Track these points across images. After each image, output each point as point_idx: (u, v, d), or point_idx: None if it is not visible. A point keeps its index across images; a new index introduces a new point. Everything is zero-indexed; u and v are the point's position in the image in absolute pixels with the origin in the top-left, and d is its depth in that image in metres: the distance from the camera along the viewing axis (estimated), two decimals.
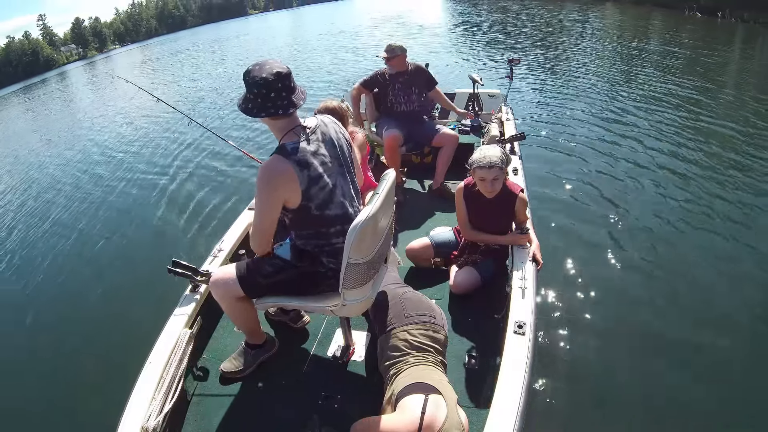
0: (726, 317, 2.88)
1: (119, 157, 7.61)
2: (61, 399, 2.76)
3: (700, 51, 10.77)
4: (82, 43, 73.38)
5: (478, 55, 12.57)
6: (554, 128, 6.30)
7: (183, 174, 6.20)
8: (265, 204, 1.60)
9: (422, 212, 3.29)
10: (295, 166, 1.54)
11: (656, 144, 5.60)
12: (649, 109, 6.93)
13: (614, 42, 13.31)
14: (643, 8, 19.81)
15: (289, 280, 1.74)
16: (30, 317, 3.70)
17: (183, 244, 4.39)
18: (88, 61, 52.47)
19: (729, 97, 7.20)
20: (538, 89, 8.36)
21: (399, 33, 19.39)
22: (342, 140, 1.73)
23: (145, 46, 50.53)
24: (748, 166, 4.79)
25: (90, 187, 6.39)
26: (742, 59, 10.41)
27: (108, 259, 4.42)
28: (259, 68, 1.52)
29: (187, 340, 1.89)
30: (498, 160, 2.15)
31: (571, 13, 20.72)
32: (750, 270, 3.29)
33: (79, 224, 5.28)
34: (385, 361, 1.74)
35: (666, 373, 2.51)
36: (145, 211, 5.30)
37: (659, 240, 3.68)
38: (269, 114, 1.55)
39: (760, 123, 5.92)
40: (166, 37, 63.91)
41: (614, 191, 4.50)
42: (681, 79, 8.29)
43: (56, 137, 10.90)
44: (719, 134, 5.73)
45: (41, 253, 4.80)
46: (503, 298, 2.11)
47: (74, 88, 25.15)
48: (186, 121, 5.19)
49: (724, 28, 14.67)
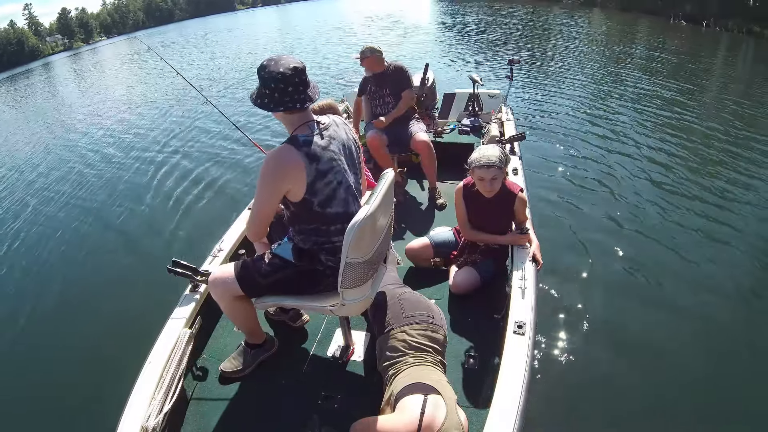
0: (727, 317, 2.88)
1: (119, 157, 7.59)
2: (61, 399, 2.76)
3: (687, 57, 11.04)
4: (68, 34, 72.14)
5: (470, 55, 12.64)
6: (554, 128, 6.30)
7: (183, 174, 6.19)
8: (268, 191, 1.58)
9: (422, 212, 3.29)
10: (305, 158, 1.54)
11: (657, 144, 5.63)
12: (649, 111, 6.96)
13: (605, 46, 13.47)
14: (630, 15, 20.22)
15: (287, 279, 1.73)
16: (30, 317, 3.70)
17: (183, 244, 4.39)
18: (74, 52, 51.53)
19: (714, 101, 7.40)
20: (538, 90, 8.37)
21: (393, 32, 19.38)
22: (351, 141, 1.73)
23: (132, 39, 49.70)
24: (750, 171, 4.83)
25: (87, 187, 6.37)
26: (725, 65, 10.71)
27: (107, 259, 4.42)
28: (276, 63, 1.52)
29: (186, 340, 1.89)
30: (496, 160, 2.15)
31: (560, 18, 21.01)
32: (751, 270, 3.30)
33: (78, 224, 5.27)
34: (384, 362, 1.74)
35: (666, 373, 2.51)
36: (144, 211, 5.29)
37: (660, 239, 3.68)
38: (287, 108, 1.55)
39: (739, 123, 6.19)
40: (154, 30, 63.31)
41: (615, 191, 4.51)
42: (671, 82, 8.45)
43: (48, 130, 10.81)
44: (724, 139, 5.79)
45: (40, 253, 4.80)
46: (503, 298, 2.11)
47: (61, 78, 24.67)
48: (186, 119, 5.19)
49: (709, 36, 15.05)
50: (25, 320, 3.67)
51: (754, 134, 5.78)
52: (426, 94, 4.07)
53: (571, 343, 2.71)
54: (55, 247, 4.85)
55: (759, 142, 5.51)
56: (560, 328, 2.82)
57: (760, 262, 3.40)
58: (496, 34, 16.31)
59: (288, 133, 1.62)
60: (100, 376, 2.77)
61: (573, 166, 5.11)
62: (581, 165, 5.13)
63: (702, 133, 5.97)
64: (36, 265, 4.57)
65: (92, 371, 2.89)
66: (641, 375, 2.51)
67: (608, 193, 4.47)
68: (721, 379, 2.46)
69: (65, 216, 5.56)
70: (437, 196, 3.41)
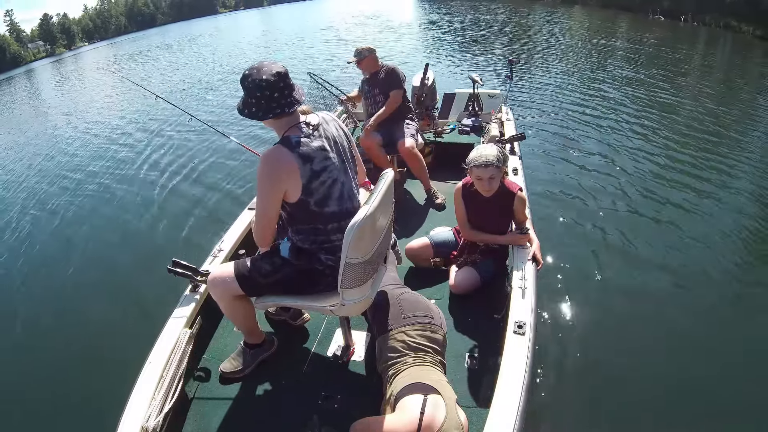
0: (729, 317, 2.88)
1: (118, 156, 7.59)
2: (61, 399, 2.76)
3: (679, 53, 11.29)
4: (50, 40, 70.57)
5: (459, 53, 12.73)
6: (554, 128, 6.30)
7: (183, 174, 6.19)
8: (266, 192, 1.58)
9: (422, 212, 3.29)
10: (298, 159, 1.54)
11: (658, 142, 5.64)
12: (648, 111, 6.95)
13: (592, 42, 13.71)
14: (609, 11, 20.67)
15: (287, 278, 1.73)
16: (29, 317, 3.70)
17: (183, 244, 4.39)
18: (56, 59, 50.56)
19: (717, 101, 7.41)
20: (537, 90, 8.37)
21: (382, 34, 19.32)
22: (342, 137, 1.72)
23: (114, 44, 49.18)
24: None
25: (87, 189, 6.36)
26: (705, 58, 11.14)
27: (108, 259, 4.42)
28: (258, 71, 1.52)
29: (186, 340, 1.88)
30: (494, 159, 2.15)
31: (543, 15, 21.37)
32: (752, 268, 3.30)
33: (78, 226, 5.27)
34: (384, 363, 1.74)
35: (666, 373, 2.51)
36: (144, 211, 5.29)
37: (660, 239, 3.68)
38: (275, 115, 1.55)
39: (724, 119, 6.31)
40: (136, 34, 62.51)
41: (615, 191, 4.51)
42: (668, 81, 8.54)
43: (49, 130, 10.80)
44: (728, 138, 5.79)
45: (40, 253, 4.80)
46: (503, 298, 2.11)
47: (49, 84, 24.07)
48: (185, 118, 5.18)
49: (688, 31, 15.49)
50: (25, 320, 3.67)
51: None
52: (426, 94, 4.08)
53: (571, 343, 2.71)
54: (55, 248, 4.86)
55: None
56: (560, 328, 2.82)
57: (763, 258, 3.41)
58: (484, 32, 16.62)
59: (279, 137, 1.61)
60: (100, 376, 2.77)
61: (573, 165, 5.11)
62: (582, 164, 5.12)
63: (710, 132, 5.96)
64: (36, 266, 4.57)
65: (92, 371, 2.89)
66: (641, 375, 2.51)
67: (609, 193, 4.47)
68: (722, 379, 2.45)
69: (65, 217, 5.56)
70: (434, 196, 3.40)
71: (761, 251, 3.57)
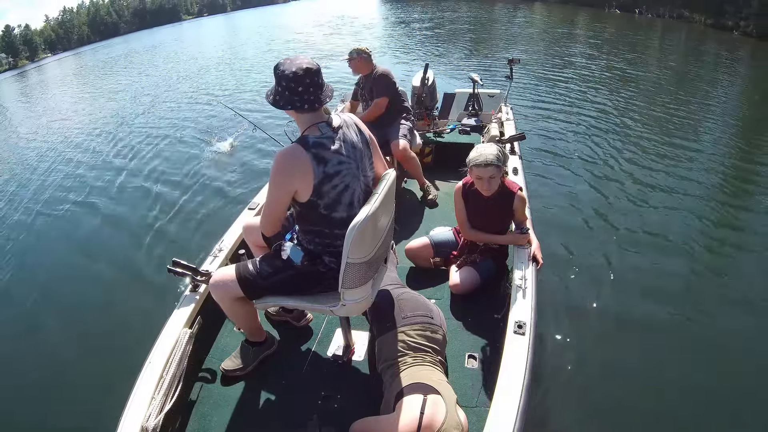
0: (730, 315, 2.88)
1: (117, 156, 7.59)
2: (61, 399, 2.76)
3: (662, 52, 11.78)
4: (12, 53, 68.00)
5: (423, 52, 12.97)
6: (554, 128, 6.30)
7: (183, 174, 6.19)
8: (277, 188, 1.59)
9: (421, 212, 3.29)
10: (312, 160, 1.54)
11: (662, 141, 5.65)
12: (648, 111, 6.95)
13: (565, 39, 14.18)
14: (568, 7, 21.43)
15: (288, 280, 1.73)
16: (29, 316, 3.70)
17: (183, 244, 4.39)
18: (19, 71, 48.14)
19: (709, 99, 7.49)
20: (535, 90, 8.37)
21: (360, 35, 19.17)
22: (361, 142, 1.69)
23: (78, 54, 47.92)
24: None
25: (86, 189, 6.35)
26: (666, 52, 11.77)
27: (108, 259, 4.41)
28: (290, 63, 1.54)
29: (187, 339, 1.88)
30: (494, 158, 2.15)
31: (504, 12, 21.90)
32: (753, 267, 3.30)
33: (78, 226, 5.27)
34: (384, 362, 1.74)
35: (666, 373, 2.51)
36: (144, 211, 5.28)
37: (661, 238, 3.68)
38: (295, 108, 1.56)
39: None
40: (99, 44, 61.05)
41: (616, 190, 4.51)
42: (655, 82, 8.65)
43: (47, 132, 10.81)
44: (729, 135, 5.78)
45: (40, 253, 4.80)
46: (503, 298, 2.11)
47: (36, 90, 23.17)
48: (183, 119, 5.17)
49: (644, 23, 16.21)
50: (25, 320, 3.67)
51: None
52: (426, 94, 4.07)
53: (572, 343, 2.71)
54: (55, 249, 4.86)
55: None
56: (560, 328, 2.82)
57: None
58: (484, 32, 16.73)
59: (299, 132, 1.63)
60: (100, 376, 2.77)
61: (574, 165, 5.11)
62: (582, 164, 5.13)
63: (713, 136, 5.97)
64: (36, 266, 4.57)
65: (92, 371, 2.89)
66: (642, 375, 2.51)
67: (609, 192, 4.47)
68: (723, 379, 2.45)
69: (65, 218, 5.56)
70: (427, 192, 3.38)
71: (761, 252, 3.57)
